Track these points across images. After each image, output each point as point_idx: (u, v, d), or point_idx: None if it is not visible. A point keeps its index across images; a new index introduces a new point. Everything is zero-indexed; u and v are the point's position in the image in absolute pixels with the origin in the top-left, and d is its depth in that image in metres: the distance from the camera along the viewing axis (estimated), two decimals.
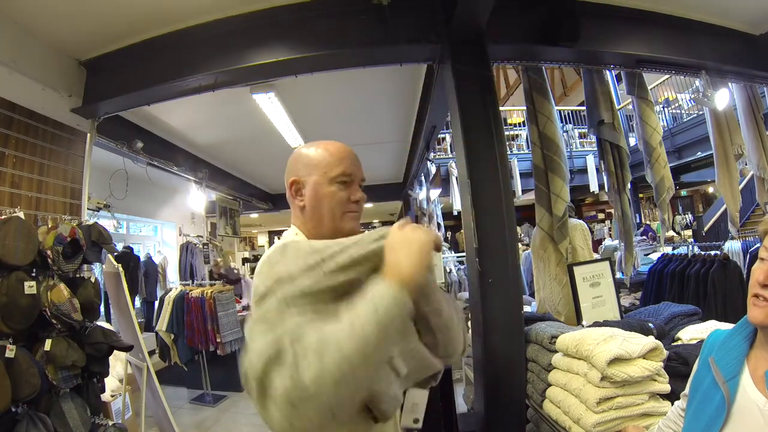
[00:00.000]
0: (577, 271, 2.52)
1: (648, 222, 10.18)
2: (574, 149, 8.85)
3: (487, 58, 2.42)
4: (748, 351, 0.86)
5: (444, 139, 8.95)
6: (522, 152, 8.60)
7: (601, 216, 12.45)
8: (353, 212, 1.01)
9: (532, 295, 3.78)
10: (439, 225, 6.46)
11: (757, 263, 0.87)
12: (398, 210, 11.23)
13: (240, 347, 4.66)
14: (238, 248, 11.80)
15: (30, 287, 1.94)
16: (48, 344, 2.01)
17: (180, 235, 7.52)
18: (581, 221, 3.21)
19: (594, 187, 8.14)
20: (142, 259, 6.46)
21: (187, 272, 6.36)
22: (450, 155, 8.25)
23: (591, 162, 8.18)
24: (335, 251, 0.77)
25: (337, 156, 1.01)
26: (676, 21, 2.95)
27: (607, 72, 3.37)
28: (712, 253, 3.58)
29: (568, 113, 10.03)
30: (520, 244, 6.30)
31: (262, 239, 15.48)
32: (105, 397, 2.62)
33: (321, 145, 1.04)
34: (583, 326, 2.20)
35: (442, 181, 6.27)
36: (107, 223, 4.61)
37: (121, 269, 2.77)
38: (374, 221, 14.76)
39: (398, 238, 0.77)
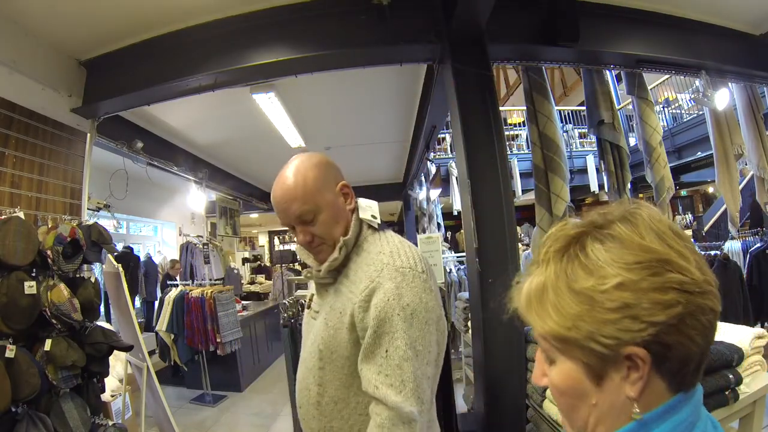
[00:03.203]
0: None
1: None
2: (574, 149, 8.84)
3: (487, 58, 2.42)
4: None
5: (444, 139, 8.94)
6: (522, 152, 8.59)
7: None
8: (311, 250, 1.04)
9: None
10: (439, 225, 6.46)
11: None
12: (398, 210, 11.22)
13: (240, 347, 4.67)
14: (237, 248, 11.80)
15: (30, 287, 1.94)
16: (48, 344, 2.00)
17: (180, 235, 7.52)
18: None
19: (594, 187, 8.14)
20: (142, 259, 6.46)
21: (187, 272, 6.35)
22: (450, 155, 8.25)
23: (591, 162, 8.18)
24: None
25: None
26: (676, 21, 2.95)
27: (607, 72, 3.38)
28: (712, 253, 3.58)
29: (568, 113, 10.02)
30: (520, 244, 6.30)
31: (263, 239, 15.48)
32: (105, 397, 2.62)
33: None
34: None
35: (442, 181, 6.27)
36: (107, 223, 4.61)
37: (121, 269, 2.77)
38: None
39: None
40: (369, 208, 1.06)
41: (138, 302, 6.26)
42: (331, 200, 1.01)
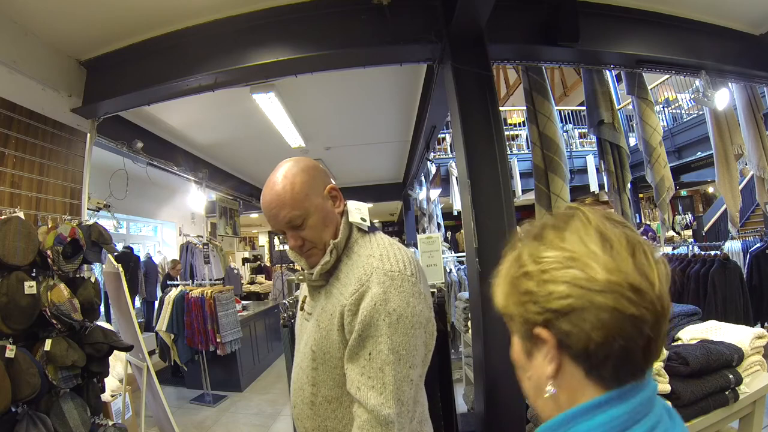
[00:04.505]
0: None
1: (648, 222, 10.19)
2: (574, 149, 8.84)
3: (487, 58, 2.42)
4: None
5: (444, 139, 8.94)
6: (522, 152, 8.59)
7: None
8: (302, 255, 1.06)
9: None
10: (439, 225, 6.46)
11: None
12: (398, 210, 11.23)
13: (240, 347, 4.67)
14: (237, 248, 11.80)
15: (30, 287, 1.94)
16: (48, 344, 2.00)
17: (180, 235, 7.52)
18: None
19: (594, 187, 8.14)
20: (142, 259, 6.46)
21: (187, 272, 6.35)
22: (450, 155, 8.25)
23: (591, 162, 8.18)
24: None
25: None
26: (676, 21, 2.95)
27: (607, 72, 3.38)
28: (712, 253, 3.58)
29: (568, 113, 10.02)
30: None
31: (263, 239, 15.48)
32: (105, 397, 2.61)
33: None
34: None
35: (442, 181, 6.27)
36: (107, 223, 4.61)
37: (121, 269, 2.77)
38: (375, 221, 14.64)
39: None
40: (358, 211, 1.07)
41: (138, 302, 6.25)
42: (320, 204, 1.02)
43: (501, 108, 3.18)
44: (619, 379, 0.48)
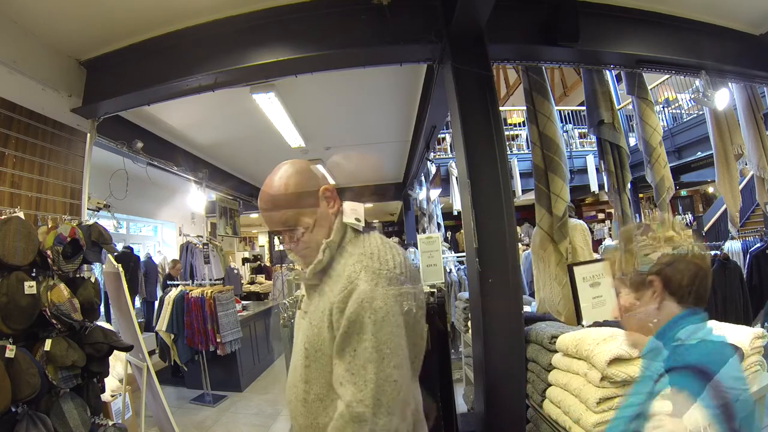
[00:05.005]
0: (577, 271, 2.52)
1: (648, 222, 10.15)
2: (574, 149, 8.84)
3: (487, 58, 2.42)
4: None
5: (444, 139, 8.94)
6: (522, 152, 8.59)
7: (601, 216, 12.43)
8: (297, 254, 1.08)
9: (532, 295, 3.78)
10: (439, 225, 6.46)
11: None
12: (398, 210, 11.23)
13: (240, 347, 4.67)
14: (237, 248, 11.79)
15: (30, 287, 1.94)
16: (48, 344, 2.01)
17: (180, 235, 7.51)
18: (581, 221, 3.21)
19: (594, 187, 8.14)
20: (142, 259, 6.45)
21: (187, 272, 6.35)
22: (450, 155, 8.25)
23: (591, 162, 8.18)
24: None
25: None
26: (676, 21, 2.95)
27: (607, 72, 3.38)
28: (712, 253, 3.58)
29: (568, 113, 10.02)
30: (520, 244, 6.29)
31: (263, 239, 15.47)
32: (105, 397, 2.61)
33: None
34: (583, 326, 2.20)
35: (442, 181, 6.27)
36: (107, 223, 4.60)
37: (121, 269, 2.77)
38: (374, 221, 14.74)
39: None
40: (353, 212, 1.09)
41: (138, 302, 6.25)
42: (314, 205, 1.05)
43: (501, 108, 3.18)
44: (694, 305, 0.87)
